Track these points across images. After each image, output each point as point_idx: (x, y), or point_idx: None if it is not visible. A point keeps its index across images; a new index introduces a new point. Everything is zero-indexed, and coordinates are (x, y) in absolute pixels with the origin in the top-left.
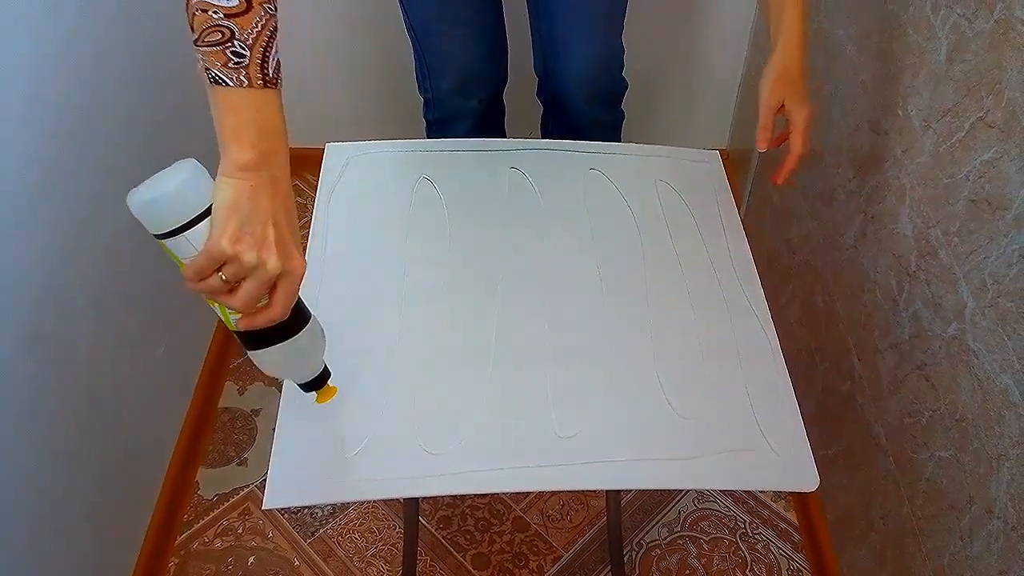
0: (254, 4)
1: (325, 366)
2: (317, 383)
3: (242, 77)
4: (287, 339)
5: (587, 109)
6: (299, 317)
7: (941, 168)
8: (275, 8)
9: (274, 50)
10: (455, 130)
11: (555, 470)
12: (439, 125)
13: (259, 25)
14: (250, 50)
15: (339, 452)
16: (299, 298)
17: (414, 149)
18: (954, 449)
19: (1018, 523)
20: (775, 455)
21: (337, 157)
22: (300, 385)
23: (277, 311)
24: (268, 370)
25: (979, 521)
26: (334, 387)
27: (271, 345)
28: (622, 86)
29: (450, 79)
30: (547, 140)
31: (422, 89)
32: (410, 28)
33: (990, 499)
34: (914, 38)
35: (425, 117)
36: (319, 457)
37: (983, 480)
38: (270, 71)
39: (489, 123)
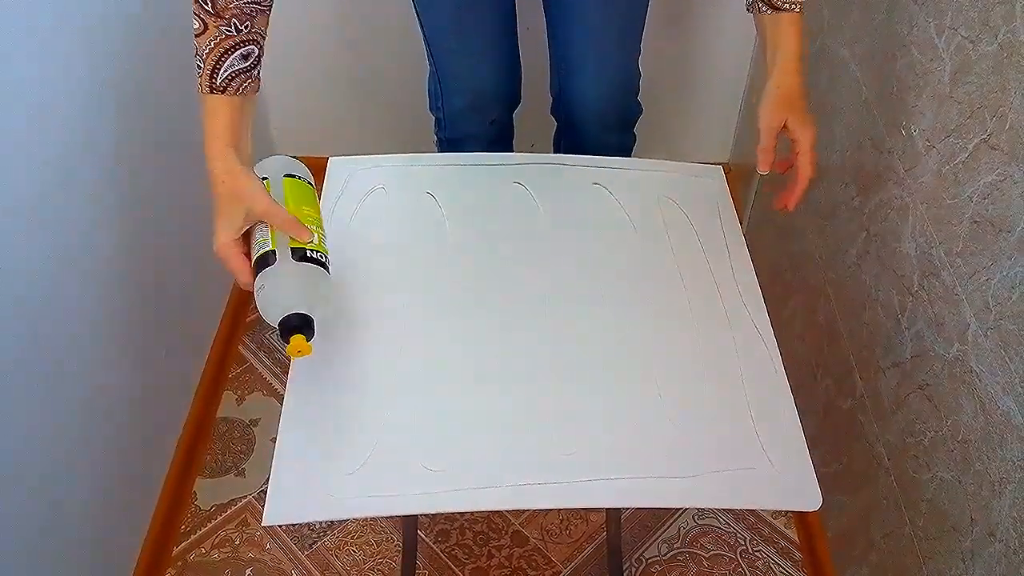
0: (210, 26)
1: (302, 316)
2: (287, 328)
3: (198, 84)
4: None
5: (598, 132)
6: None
7: (944, 188)
8: (238, 27)
9: (227, 62)
10: (466, 150)
11: (555, 487)
12: (450, 144)
13: (213, 43)
14: (204, 62)
15: (339, 469)
16: (265, 252)
17: (416, 164)
18: (956, 471)
19: (1020, 546)
20: (777, 473)
21: (340, 172)
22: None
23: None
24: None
25: (981, 544)
26: (308, 344)
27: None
28: (636, 111)
29: (464, 99)
30: (550, 155)
31: (434, 108)
32: (427, 46)
33: (992, 522)
34: (918, 58)
35: (436, 135)
36: (319, 474)
37: (985, 502)
38: (219, 80)
39: (500, 145)
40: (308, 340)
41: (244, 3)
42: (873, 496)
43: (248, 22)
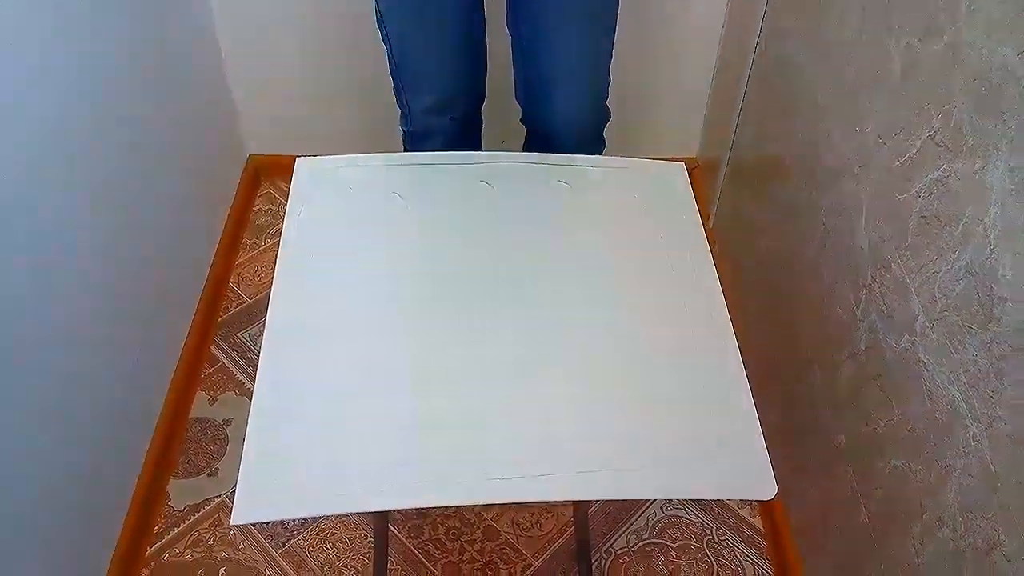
0: None
1: None
2: None
3: None
4: None
5: (572, 144)
6: None
7: (894, 184)
8: None
9: None
10: (430, 144)
11: (518, 482)
12: (414, 138)
13: None
14: None
15: (307, 467)
16: None
17: (384, 163)
18: (907, 459)
19: (966, 532)
20: (734, 463)
21: (307, 171)
22: None
23: None
24: None
25: (930, 530)
26: None
27: None
28: (606, 118)
29: (426, 98)
30: (516, 153)
31: (399, 103)
32: (387, 44)
33: (940, 508)
34: (869, 57)
35: (402, 128)
36: (287, 472)
37: (934, 490)
38: None
39: (465, 139)
40: None
41: None
42: (832, 485)
43: None
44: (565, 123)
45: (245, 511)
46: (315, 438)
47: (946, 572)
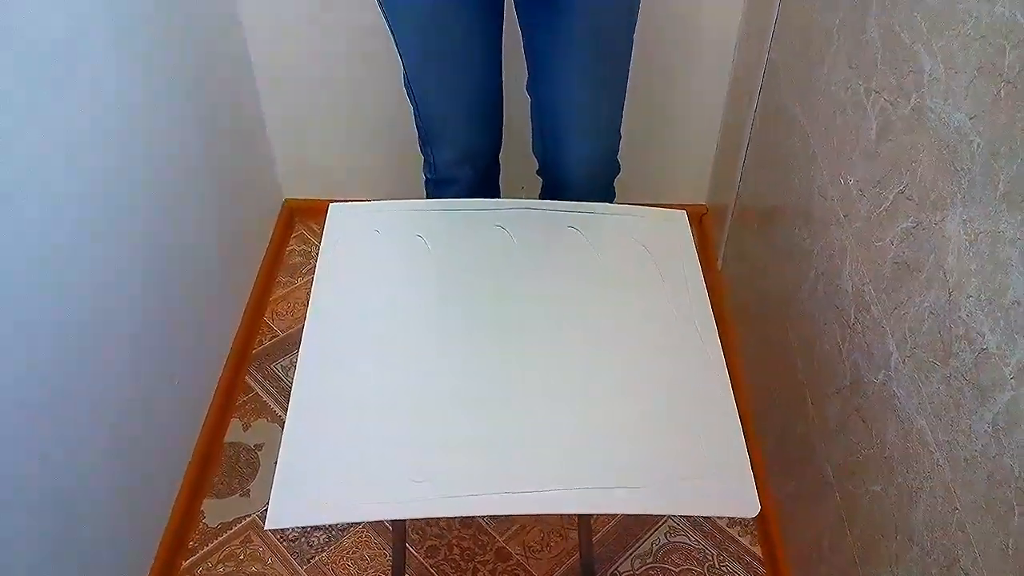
0: None
1: None
2: None
3: None
4: None
5: (585, 196)
6: None
7: (872, 233)
8: None
9: None
10: (453, 190)
11: (523, 496)
12: (437, 185)
13: None
14: None
15: (334, 480)
16: None
17: (409, 209)
18: (884, 483)
19: (932, 548)
20: (722, 484)
21: (339, 216)
22: None
23: None
24: None
25: (903, 549)
26: None
27: None
28: (617, 170)
29: (450, 152)
30: (529, 200)
31: (423, 152)
32: (414, 104)
33: (911, 528)
34: (852, 116)
35: (425, 174)
36: (315, 485)
37: (905, 512)
38: None
39: (485, 185)
40: None
41: None
42: (823, 511)
43: None
44: (578, 177)
45: (278, 518)
46: (341, 458)
47: None
